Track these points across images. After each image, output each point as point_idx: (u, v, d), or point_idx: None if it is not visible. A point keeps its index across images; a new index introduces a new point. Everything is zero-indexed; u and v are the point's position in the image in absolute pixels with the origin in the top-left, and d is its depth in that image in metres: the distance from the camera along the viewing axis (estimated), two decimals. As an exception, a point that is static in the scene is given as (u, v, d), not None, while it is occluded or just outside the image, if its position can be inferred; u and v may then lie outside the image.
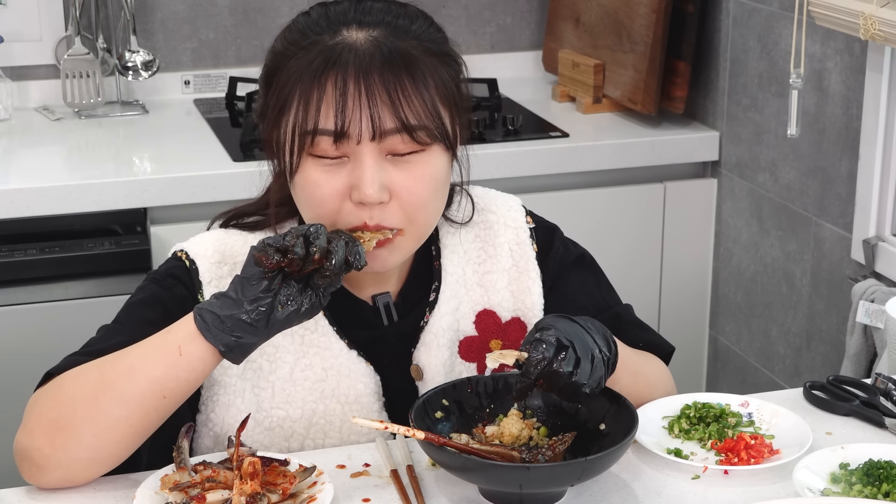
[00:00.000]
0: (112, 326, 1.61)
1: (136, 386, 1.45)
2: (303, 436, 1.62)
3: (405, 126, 1.48)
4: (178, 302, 1.59)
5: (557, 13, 3.40)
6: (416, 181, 1.51)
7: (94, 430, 1.45)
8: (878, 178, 2.54)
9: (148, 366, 1.45)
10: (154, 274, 1.64)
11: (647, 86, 3.02)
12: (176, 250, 1.64)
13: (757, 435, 1.62)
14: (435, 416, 1.54)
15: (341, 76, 1.47)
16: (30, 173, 2.74)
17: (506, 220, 1.72)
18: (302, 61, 1.50)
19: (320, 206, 1.51)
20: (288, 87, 1.50)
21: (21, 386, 2.70)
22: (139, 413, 1.46)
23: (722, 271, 3.11)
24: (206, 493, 1.42)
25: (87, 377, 1.47)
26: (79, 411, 1.45)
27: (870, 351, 2.49)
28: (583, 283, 1.74)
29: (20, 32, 3.16)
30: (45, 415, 1.47)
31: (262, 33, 3.31)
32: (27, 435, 1.48)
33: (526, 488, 1.41)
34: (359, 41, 1.49)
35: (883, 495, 1.46)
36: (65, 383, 1.49)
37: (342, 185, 1.50)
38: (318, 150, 1.49)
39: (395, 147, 1.49)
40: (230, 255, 1.62)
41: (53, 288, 2.70)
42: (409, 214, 1.52)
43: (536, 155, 2.93)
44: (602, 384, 1.47)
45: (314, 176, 1.50)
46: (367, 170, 1.48)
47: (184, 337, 1.44)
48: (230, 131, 3.02)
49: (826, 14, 2.47)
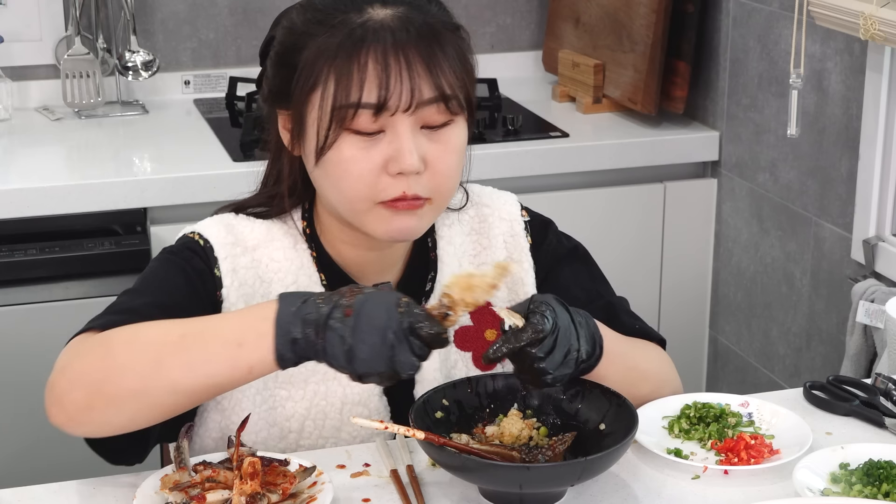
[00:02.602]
0: (137, 289, 1.59)
1: (193, 381, 1.43)
2: (303, 416, 1.63)
3: (443, 96, 1.53)
4: (197, 273, 1.60)
5: (557, 13, 3.40)
6: (447, 152, 1.56)
7: (137, 407, 1.44)
8: (878, 178, 2.54)
9: (211, 370, 1.43)
10: (169, 249, 1.64)
11: (647, 86, 3.02)
12: (186, 233, 1.65)
13: (757, 435, 1.62)
14: (435, 416, 1.54)
15: (381, 50, 1.50)
16: (30, 173, 2.74)
17: (500, 213, 1.75)
18: (332, 39, 1.52)
19: (357, 181, 1.53)
20: (319, 65, 1.53)
21: (21, 386, 2.71)
22: (187, 403, 1.46)
23: (722, 271, 3.11)
24: (206, 493, 1.42)
25: (141, 352, 1.44)
26: (126, 385, 1.42)
27: (870, 351, 2.49)
28: (576, 275, 1.75)
29: (20, 32, 3.16)
30: (90, 373, 1.44)
31: (262, 33, 3.26)
32: (67, 383, 1.44)
33: (526, 488, 1.41)
34: (387, 17, 1.53)
35: (883, 495, 1.46)
36: (115, 346, 1.45)
37: (380, 159, 1.52)
38: (355, 125, 1.52)
39: (430, 118, 1.54)
40: (240, 238, 1.63)
41: (53, 288, 2.70)
42: (438, 184, 1.56)
43: (536, 155, 2.93)
44: (563, 380, 1.48)
45: (350, 152, 1.53)
46: (407, 140, 1.52)
47: (258, 360, 1.41)
48: (230, 131, 3.02)
49: (826, 14, 2.47)
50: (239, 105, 3.16)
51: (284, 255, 1.65)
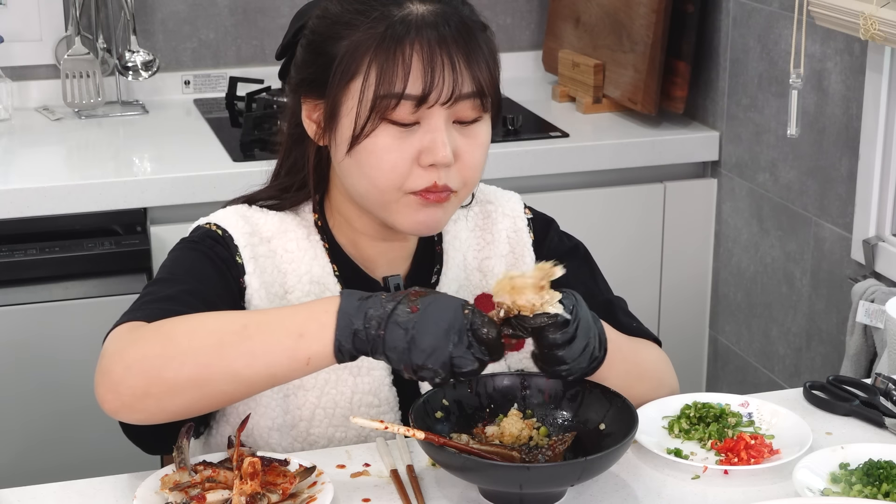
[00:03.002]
0: (164, 278, 1.59)
1: (253, 372, 1.44)
2: (314, 405, 1.64)
3: (480, 91, 1.56)
4: (222, 260, 1.61)
5: (557, 13, 3.40)
6: (476, 147, 1.60)
7: (195, 395, 1.44)
8: (878, 178, 2.54)
9: (271, 360, 1.44)
10: (189, 239, 1.64)
11: (647, 86, 3.02)
12: (201, 223, 1.65)
13: (757, 435, 1.62)
14: (435, 416, 1.54)
15: (426, 44, 1.53)
16: (30, 173, 2.74)
17: (504, 209, 1.79)
18: (373, 31, 1.55)
19: (391, 171, 1.55)
20: (359, 54, 1.55)
21: (21, 386, 2.71)
22: (244, 392, 1.47)
23: (722, 271, 3.11)
24: (206, 493, 1.43)
25: (203, 340, 1.44)
26: (186, 372, 1.42)
27: (870, 351, 2.49)
28: (576, 273, 1.76)
29: (20, 32, 3.16)
30: (150, 358, 1.43)
31: (262, 33, 3.31)
32: (124, 369, 1.43)
33: (526, 488, 1.41)
34: (427, 13, 1.56)
35: (883, 495, 1.46)
36: (176, 333, 1.45)
37: (413, 150, 1.55)
38: (395, 116, 1.54)
39: (464, 113, 1.57)
40: (257, 228, 1.65)
41: (53, 288, 2.70)
42: (466, 178, 1.59)
43: (536, 155, 2.93)
44: (578, 374, 1.50)
45: (386, 141, 1.55)
46: (442, 133, 1.55)
47: (316, 351, 1.43)
48: (230, 131, 3.02)
49: (826, 14, 2.47)
50: (239, 105, 3.16)
51: (298, 246, 1.66)
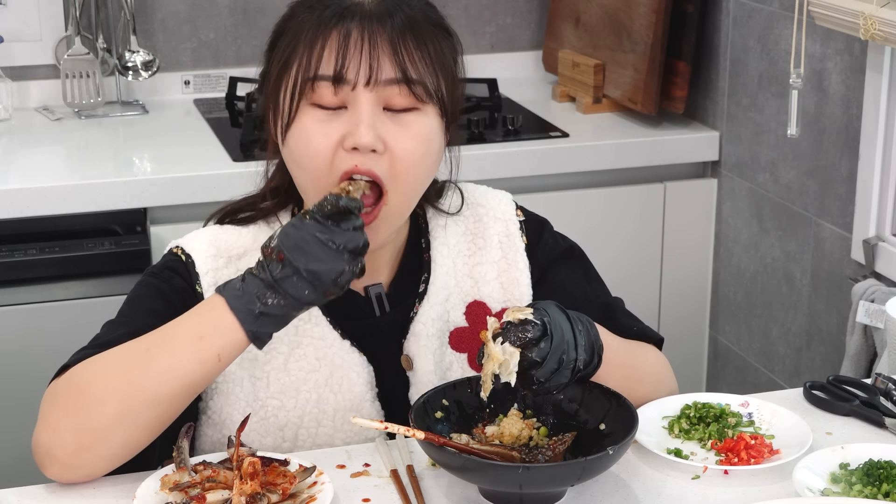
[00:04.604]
0: (116, 321, 1.62)
1: (170, 388, 1.46)
2: (297, 425, 1.63)
3: (405, 77, 1.53)
4: (177, 293, 1.61)
5: (557, 13, 3.40)
6: (410, 138, 1.55)
7: (125, 431, 1.46)
8: (878, 178, 2.54)
9: (183, 371, 1.45)
10: (151, 269, 1.66)
11: (647, 86, 3.02)
12: (171, 247, 1.67)
13: (757, 435, 1.62)
14: (435, 416, 1.54)
15: (346, 25, 1.52)
16: (30, 173, 2.74)
17: (495, 212, 1.74)
18: (309, 18, 1.54)
19: (315, 156, 1.53)
20: (293, 43, 1.55)
21: (21, 386, 2.71)
22: (171, 411, 1.48)
23: (722, 271, 3.11)
24: (206, 493, 1.43)
25: (112, 377, 1.46)
26: (107, 412, 1.44)
27: (870, 351, 2.49)
28: (571, 274, 1.75)
29: (20, 32, 3.16)
30: (69, 414, 1.46)
31: (262, 33, 3.29)
32: (51, 433, 1.47)
33: (526, 488, 1.41)
34: (370, 3, 1.55)
35: (883, 495, 1.46)
36: (85, 381, 1.47)
37: (337, 135, 1.53)
38: (316, 99, 1.53)
39: (393, 99, 1.54)
40: (224, 248, 1.64)
41: (53, 288, 2.70)
42: (398, 170, 1.54)
43: (536, 155, 2.93)
44: (560, 388, 1.48)
45: (309, 125, 1.53)
46: (364, 115, 1.52)
47: (223, 346, 1.45)
48: (230, 131, 3.02)
49: (826, 14, 2.47)
50: (239, 105, 3.16)
51: None
